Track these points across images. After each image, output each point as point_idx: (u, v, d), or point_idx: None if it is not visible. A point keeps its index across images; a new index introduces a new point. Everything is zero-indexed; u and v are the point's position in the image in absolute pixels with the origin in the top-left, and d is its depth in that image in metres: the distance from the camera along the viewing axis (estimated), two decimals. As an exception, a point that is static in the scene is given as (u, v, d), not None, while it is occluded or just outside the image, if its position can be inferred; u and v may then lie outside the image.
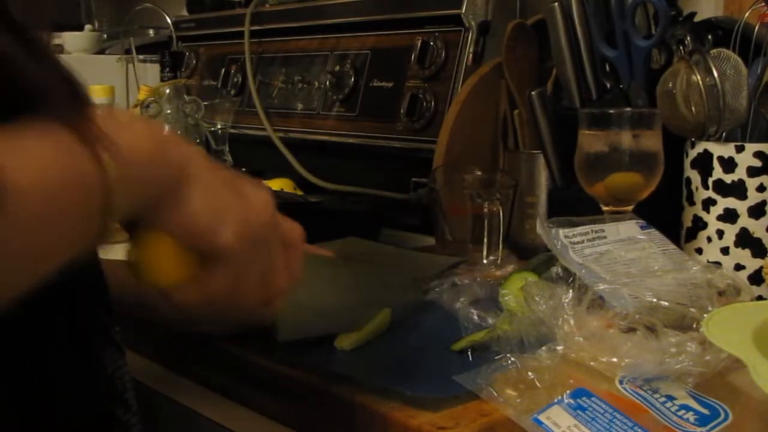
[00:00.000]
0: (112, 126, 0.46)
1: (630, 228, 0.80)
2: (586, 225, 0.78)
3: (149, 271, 0.52)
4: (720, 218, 0.88)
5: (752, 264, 0.87)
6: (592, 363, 0.62)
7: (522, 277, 0.75)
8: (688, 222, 0.91)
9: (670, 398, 0.59)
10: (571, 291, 0.67)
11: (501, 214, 0.95)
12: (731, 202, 0.87)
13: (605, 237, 0.77)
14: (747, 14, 0.95)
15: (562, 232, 0.76)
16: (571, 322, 0.64)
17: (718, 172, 0.88)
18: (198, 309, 0.54)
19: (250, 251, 0.53)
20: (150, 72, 1.82)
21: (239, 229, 0.52)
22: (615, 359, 0.61)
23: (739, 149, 0.87)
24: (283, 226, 0.58)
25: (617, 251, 0.76)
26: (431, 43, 1.23)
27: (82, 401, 0.57)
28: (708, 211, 0.89)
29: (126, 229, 0.52)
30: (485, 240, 0.95)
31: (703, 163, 0.89)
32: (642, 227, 0.81)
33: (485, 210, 0.95)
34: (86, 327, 0.56)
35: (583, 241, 0.76)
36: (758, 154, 0.86)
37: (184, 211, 0.50)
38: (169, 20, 1.83)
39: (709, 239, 0.89)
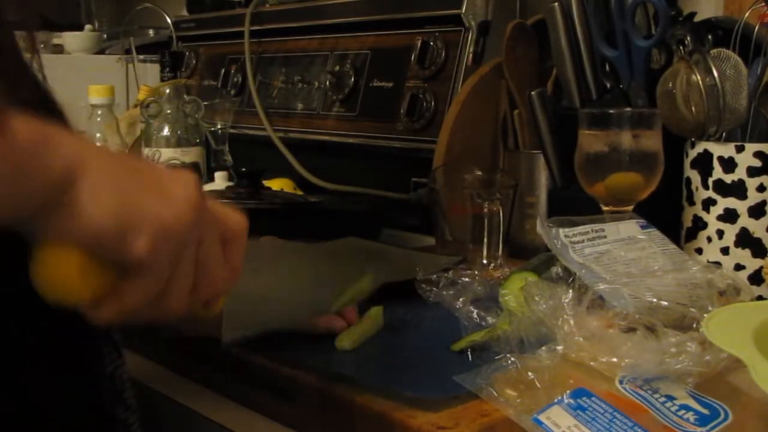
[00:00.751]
0: None
1: (630, 227, 0.80)
2: (586, 224, 0.78)
3: (53, 288, 0.44)
4: (720, 218, 0.88)
5: (752, 264, 0.87)
6: (592, 363, 0.62)
7: (522, 277, 0.75)
8: (688, 222, 0.91)
9: (670, 398, 0.59)
10: (571, 291, 0.67)
11: (501, 214, 0.95)
12: (731, 202, 0.87)
13: (605, 237, 0.77)
14: (747, 14, 0.95)
15: (562, 231, 0.76)
16: (571, 322, 0.64)
17: (718, 172, 0.88)
18: (121, 320, 0.48)
19: (171, 257, 0.46)
20: (150, 72, 1.82)
21: (155, 233, 0.44)
22: (615, 359, 0.61)
23: (739, 149, 0.87)
24: (222, 217, 0.50)
25: (617, 251, 0.76)
26: (431, 43, 1.23)
27: (82, 401, 0.57)
28: (708, 211, 0.89)
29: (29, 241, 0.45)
30: (485, 240, 0.95)
31: (703, 163, 0.89)
32: (642, 227, 0.81)
33: (485, 210, 0.95)
34: (84, 327, 0.53)
35: (583, 241, 0.76)
36: (758, 154, 0.86)
37: (82, 215, 0.43)
38: (169, 20, 1.83)
39: (709, 239, 0.89)
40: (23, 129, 0.42)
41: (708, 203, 0.89)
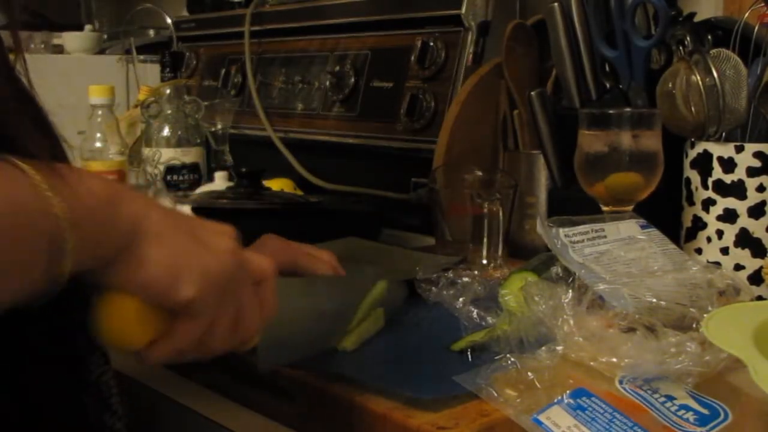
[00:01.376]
0: (69, 175, 0.46)
1: (630, 227, 0.80)
2: (586, 224, 0.78)
3: (114, 335, 0.50)
4: (720, 218, 0.88)
5: (752, 264, 0.87)
6: (592, 363, 0.62)
7: (522, 277, 0.75)
8: (687, 222, 0.91)
9: (670, 398, 0.59)
10: (571, 291, 0.67)
11: (501, 214, 0.95)
12: (731, 202, 0.87)
13: (605, 236, 0.77)
14: (747, 14, 0.95)
15: (562, 231, 0.76)
16: (571, 322, 0.64)
17: (717, 172, 0.88)
18: (171, 360, 0.53)
19: (214, 302, 0.52)
20: (150, 72, 1.82)
21: (201, 282, 0.50)
22: (615, 359, 0.61)
23: (739, 149, 0.87)
24: (253, 263, 0.56)
25: (617, 251, 0.76)
26: (431, 43, 1.23)
27: (68, 410, 0.57)
28: (708, 211, 0.89)
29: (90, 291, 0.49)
30: (485, 240, 0.95)
31: (703, 163, 0.89)
32: (642, 227, 0.81)
33: (485, 210, 0.95)
34: (69, 333, 0.55)
35: (583, 240, 0.76)
36: (758, 154, 0.86)
37: (141, 269, 0.48)
38: (169, 20, 1.83)
39: (709, 239, 0.89)
40: (97, 188, 0.47)
41: (708, 203, 0.89)
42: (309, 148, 1.41)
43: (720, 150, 0.88)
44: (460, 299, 0.79)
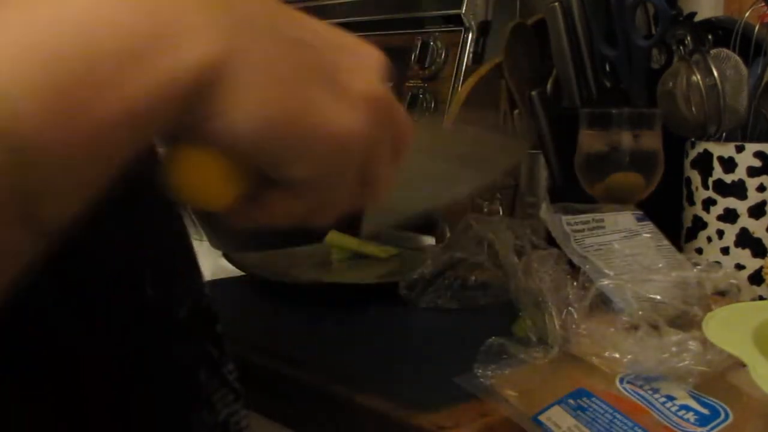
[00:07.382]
0: None
1: (627, 219, 0.80)
2: (587, 213, 0.78)
3: (190, 192, 0.36)
4: (720, 218, 0.88)
5: (752, 264, 0.87)
6: (594, 359, 0.62)
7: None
8: (688, 222, 0.91)
9: (670, 398, 0.59)
10: (574, 287, 0.67)
11: (501, 214, 0.95)
12: (731, 202, 0.87)
13: (604, 227, 0.77)
14: (747, 14, 0.95)
15: (564, 219, 0.76)
16: (575, 316, 0.64)
17: (718, 172, 0.88)
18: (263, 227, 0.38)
19: (334, 180, 0.36)
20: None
21: (320, 150, 0.34)
22: (617, 355, 0.61)
23: (739, 149, 0.87)
24: (399, 118, 0.39)
25: (616, 244, 0.76)
26: (431, 43, 1.23)
27: None
28: (708, 211, 0.89)
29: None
30: (485, 240, 0.95)
31: (703, 163, 0.89)
32: (638, 219, 0.81)
33: (485, 210, 0.95)
34: (189, 363, 0.45)
35: (583, 230, 0.76)
36: (758, 154, 0.86)
37: (225, 119, 0.31)
38: (169, 20, 1.83)
39: (709, 239, 0.89)
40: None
41: (708, 203, 0.89)
42: (309, 148, 1.41)
43: (720, 150, 0.88)
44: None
